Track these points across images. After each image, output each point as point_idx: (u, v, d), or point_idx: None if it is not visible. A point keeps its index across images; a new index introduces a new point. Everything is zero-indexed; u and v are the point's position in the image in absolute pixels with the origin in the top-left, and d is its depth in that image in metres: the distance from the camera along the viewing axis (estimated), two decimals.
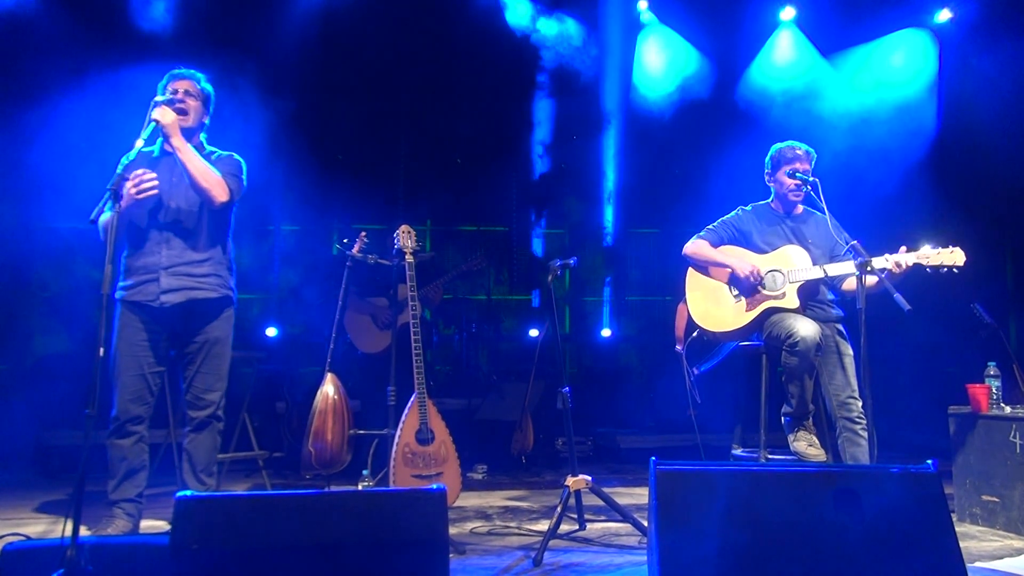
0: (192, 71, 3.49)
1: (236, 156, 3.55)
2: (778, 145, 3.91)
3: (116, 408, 3.29)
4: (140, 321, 3.32)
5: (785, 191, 3.85)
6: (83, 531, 2.41)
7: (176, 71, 3.47)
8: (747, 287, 3.76)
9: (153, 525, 3.65)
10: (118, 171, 3.10)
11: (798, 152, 3.83)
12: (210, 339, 3.41)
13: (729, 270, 3.82)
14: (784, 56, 6.94)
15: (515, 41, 6.73)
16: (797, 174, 3.77)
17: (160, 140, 3.32)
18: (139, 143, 3.10)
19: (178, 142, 3.28)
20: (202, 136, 3.54)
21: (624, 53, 7.05)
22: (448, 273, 5.75)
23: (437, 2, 6.25)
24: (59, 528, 2.32)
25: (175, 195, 3.36)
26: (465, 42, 6.55)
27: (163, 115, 3.25)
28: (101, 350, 2.56)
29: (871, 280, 3.39)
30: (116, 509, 3.28)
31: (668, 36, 7.00)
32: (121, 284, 3.34)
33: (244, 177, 3.52)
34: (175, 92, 3.39)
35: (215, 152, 3.52)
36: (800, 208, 3.95)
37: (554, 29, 6.82)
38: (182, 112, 3.36)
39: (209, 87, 3.53)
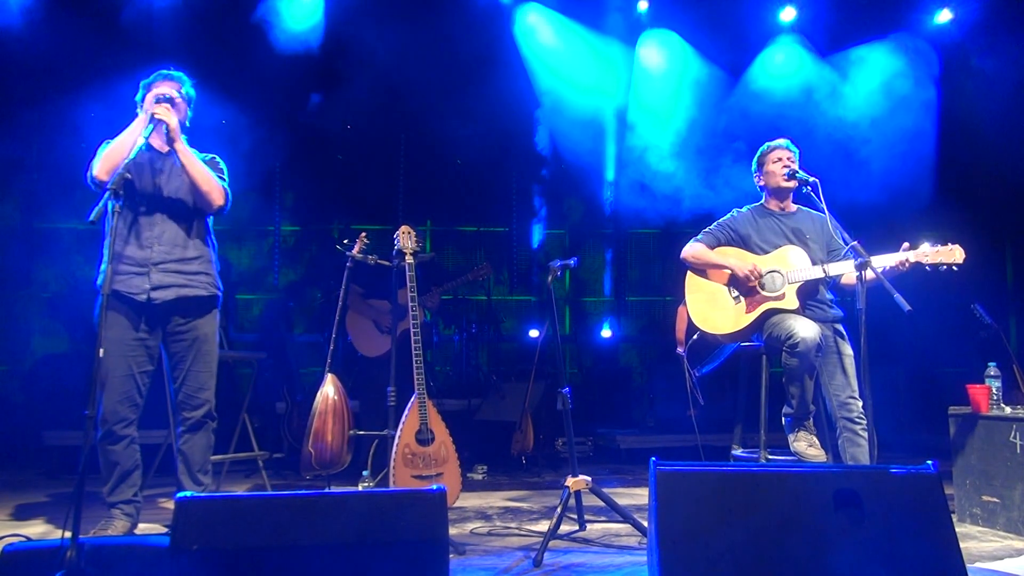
0: (180, 74, 3.45)
1: (219, 159, 3.56)
2: (761, 147, 3.96)
3: (104, 411, 3.19)
4: (128, 318, 3.26)
5: (776, 180, 3.84)
6: (83, 532, 2.40)
7: (164, 72, 3.43)
8: (747, 287, 3.76)
9: (148, 528, 3.65)
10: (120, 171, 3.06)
11: (780, 142, 3.90)
12: (200, 336, 3.39)
13: (728, 272, 3.82)
14: (784, 57, 6.94)
15: (515, 42, 6.74)
16: (782, 159, 3.82)
17: (148, 133, 3.20)
18: (140, 140, 3.08)
19: (181, 145, 3.29)
20: (183, 138, 3.54)
21: (624, 53, 7.05)
22: (452, 281, 5.78)
23: (439, 4, 6.26)
24: (59, 528, 2.32)
25: (169, 191, 3.36)
26: (466, 42, 6.55)
27: (169, 116, 3.25)
28: (101, 351, 2.55)
29: (868, 276, 3.39)
30: (114, 510, 3.26)
31: (668, 38, 7.00)
32: (106, 271, 3.27)
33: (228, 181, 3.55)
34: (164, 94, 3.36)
35: (198, 154, 3.53)
36: (794, 207, 3.95)
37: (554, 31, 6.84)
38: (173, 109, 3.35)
39: (193, 91, 3.51)
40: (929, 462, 2.30)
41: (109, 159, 3.20)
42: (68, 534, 2.19)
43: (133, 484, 3.31)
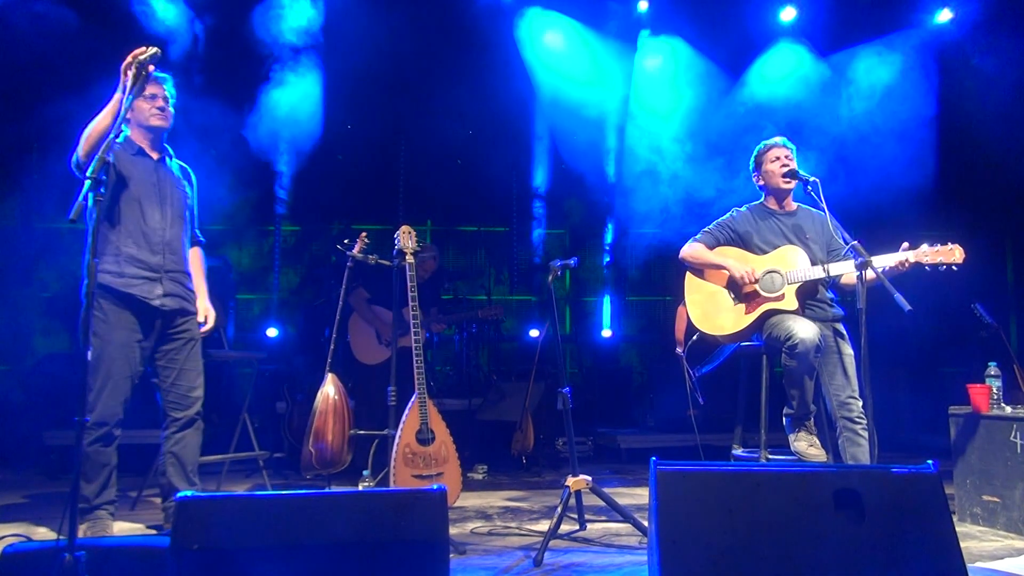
0: (164, 74, 3.41)
1: (190, 170, 3.61)
2: (757, 146, 3.96)
3: (103, 412, 3.18)
4: (137, 321, 3.28)
5: (775, 180, 3.83)
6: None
7: (159, 74, 3.38)
8: (742, 290, 3.76)
9: (133, 528, 3.64)
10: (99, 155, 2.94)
11: (776, 140, 3.89)
12: (192, 338, 3.46)
13: (727, 272, 3.81)
14: (784, 57, 6.94)
15: (516, 42, 6.74)
16: (780, 157, 3.82)
17: (129, 104, 3.02)
18: (122, 109, 2.93)
19: (203, 292, 3.60)
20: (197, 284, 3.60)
21: (625, 53, 7.05)
22: (461, 314, 5.80)
23: (440, 4, 6.26)
24: (59, 529, 2.32)
25: (170, 201, 3.41)
26: (466, 42, 6.54)
27: (163, 120, 3.39)
28: (89, 353, 2.53)
29: (868, 276, 3.39)
30: (100, 511, 3.26)
31: (668, 38, 7.00)
32: (114, 271, 3.23)
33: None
34: (156, 97, 3.37)
35: (177, 162, 3.55)
36: (795, 205, 3.95)
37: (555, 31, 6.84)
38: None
39: (174, 90, 3.50)
40: (929, 462, 2.30)
41: (89, 141, 3.18)
42: (65, 537, 2.19)
43: (115, 483, 3.33)
